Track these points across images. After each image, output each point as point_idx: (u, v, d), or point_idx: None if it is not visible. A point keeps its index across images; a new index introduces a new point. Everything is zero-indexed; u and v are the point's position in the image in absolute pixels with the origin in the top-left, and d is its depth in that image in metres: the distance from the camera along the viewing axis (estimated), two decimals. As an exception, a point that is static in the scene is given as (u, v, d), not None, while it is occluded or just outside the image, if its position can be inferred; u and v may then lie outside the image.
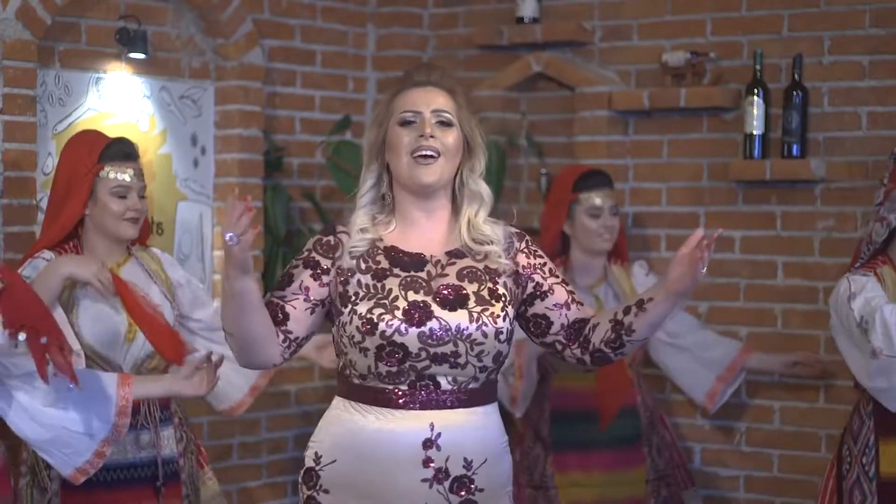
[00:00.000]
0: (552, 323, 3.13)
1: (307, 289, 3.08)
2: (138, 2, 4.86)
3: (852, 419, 3.90)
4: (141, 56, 4.81)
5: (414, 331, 2.98)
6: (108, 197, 3.92)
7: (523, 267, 3.13)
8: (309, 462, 3.11)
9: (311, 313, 3.09)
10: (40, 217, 4.52)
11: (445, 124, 3.08)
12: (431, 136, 3.05)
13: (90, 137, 4.05)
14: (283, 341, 3.08)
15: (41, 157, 4.54)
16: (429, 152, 3.05)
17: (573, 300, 3.15)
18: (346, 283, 3.07)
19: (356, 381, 3.06)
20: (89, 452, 3.67)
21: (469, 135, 3.11)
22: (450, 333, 2.99)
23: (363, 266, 3.08)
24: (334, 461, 3.06)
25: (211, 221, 5.16)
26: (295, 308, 3.08)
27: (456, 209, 3.15)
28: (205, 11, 5.05)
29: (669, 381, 5.17)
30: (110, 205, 3.92)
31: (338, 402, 3.11)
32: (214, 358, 3.84)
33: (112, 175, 3.93)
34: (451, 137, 3.08)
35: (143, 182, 4.00)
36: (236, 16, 5.10)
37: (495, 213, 3.22)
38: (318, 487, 3.07)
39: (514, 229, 3.18)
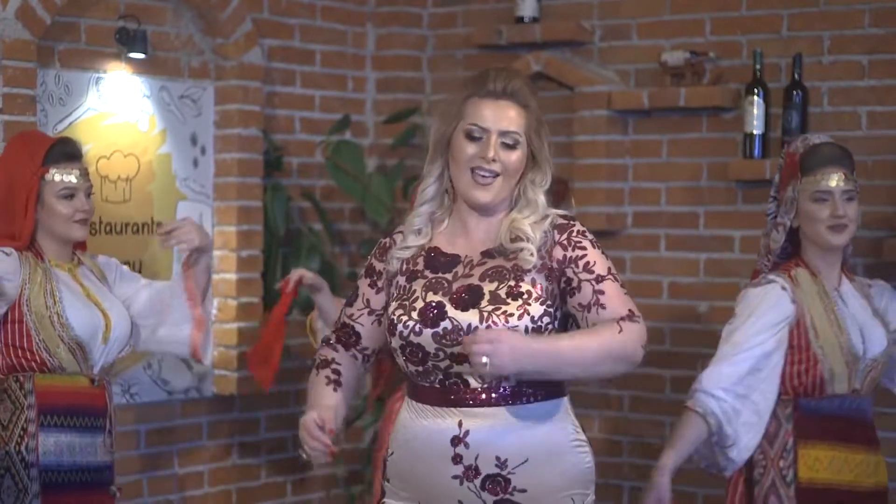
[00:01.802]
0: (578, 326, 3.07)
1: (368, 301, 3.19)
2: (138, 1, 4.86)
3: (768, 422, 3.84)
4: (140, 56, 4.81)
5: (428, 331, 3.00)
6: (54, 200, 3.87)
7: (558, 261, 3.05)
8: (386, 453, 3.20)
9: (379, 324, 3.19)
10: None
11: (510, 146, 3.05)
12: (493, 160, 3.03)
13: (31, 139, 3.99)
14: (362, 360, 3.24)
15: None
16: (486, 174, 3.04)
17: (596, 301, 3.04)
18: (390, 284, 3.14)
19: (408, 378, 3.13)
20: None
21: (536, 149, 3.08)
22: (462, 333, 2.98)
23: (404, 268, 3.12)
24: (393, 453, 3.14)
25: (211, 221, 5.15)
26: (363, 325, 3.20)
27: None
28: (204, 11, 5.05)
29: (669, 381, 5.18)
30: (58, 207, 3.87)
31: (405, 397, 3.18)
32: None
33: (58, 177, 3.87)
34: (514, 157, 3.06)
35: (89, 182, 3.95)
36: (236, 15, 5.10)
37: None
38: (385, 476, 3.17)
39: (561, 220, 3.10)
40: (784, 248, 3.88)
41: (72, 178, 3.89)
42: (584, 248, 3.06)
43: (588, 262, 3.05)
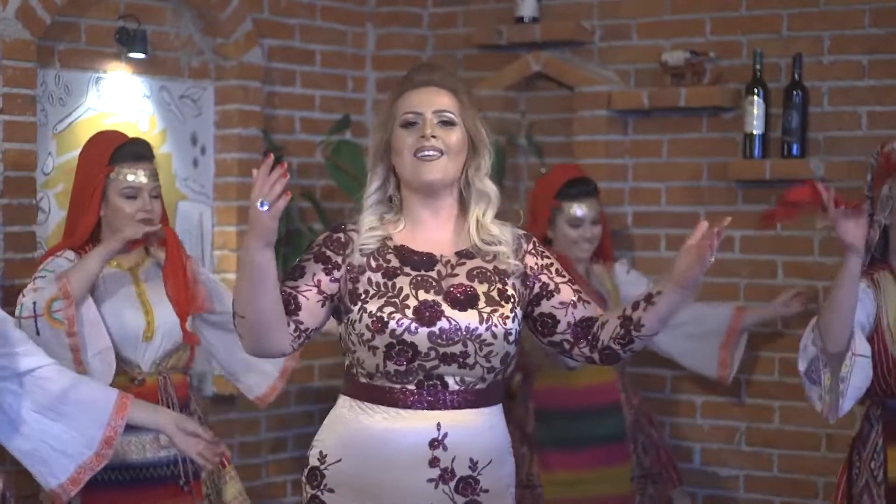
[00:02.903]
0: (559, 321, 3.12)
1: (319, 281, 3.06)
2: (137, 1, 4.86)
3: (862, 424, 3.90)
4: (140, 56, 4.81)
5: (424, 330, 2.98)
6: (118, 199, 3.91)
7: (531, 268, 3.12)
8: (313, 461, 3.09)
9: (322, 306, 3.07)
10: (41, 217, 4.52)
11: (448, 123, 3.08)
12: (433, 137, 3.05)
13: (103, 138, 4.04)
14: (294, 331, 3.04)
15: (41, 157, 4.53)
16: (430, 152, 3.05)
17: (580, 299, 3.14)
18: (356, 280, 3.06)
19: (363, 379, 3.05)
20: (65, 475, 3.54)
21: (473, 133, 3.10)
22: (459, 333, 2.99)
23: (373, 264, 3.07)
24: (339, 460, 3.04)
25: (211, 221, 5.15)
26: (308, 299, 3.04)
27: (463, 209, 3.14)
28: (204, 11, 5.05)
29: (669, 381, 5.18)
30: (121, 206, 3.90)
31: (343, 400, 3.10)
32: (227, 454, 3.82)
33: (122, 176, 3.91)
34: (453, 137, 3.07)
35: (156, 182, 3.98)
36: (235, 15, 5.10)
37: (501, 214, 3.21)
38: (322, 486, 3.06)
39: (521, 231, 3.18)
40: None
41: (135, 177, 3.92)
42: (549, 258, 3.18)
43: (558, 269, 3.17)
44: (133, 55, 4.81)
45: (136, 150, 3.96)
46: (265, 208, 2.86)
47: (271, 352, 3.05)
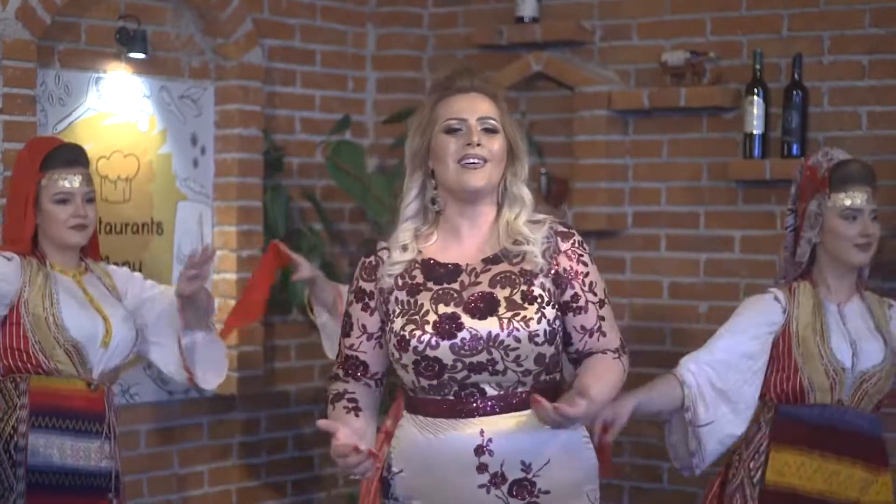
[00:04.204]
0: (572, 343, 3.11)
1: (364, 326, 3.13)
2: (138, 1, 4.86)
3: (749, 426, 3.87)
4: (140, 56, 4.81)
5: (445, 343, 2.97)
6: (50, 205, 3.87)
7: (565, 269, 3.07)
8: (384, 472, 3.15)
9: (381, 346, 3.14)
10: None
11: (491, 131, 3.06)
12: (478, 145, 3.03)
13: (35, 144, 4.01)
14: (375, 385, 3.18)
15: (41, 157, 4.53)
16: (475, 161, 3.03)
17: (598, 328, 3.10)
18: (386, 301, 3.09)
19: (410, 394, 3.10)
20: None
21: (512, 140, 3.10)
22: (481, 342, 2.97)
23: (400, 283, 3.08)
24: (401, 471, 3.10)
25: (211, 221, 5.15)
26: (366, 352, 3.14)
27: (499, 214, 3.12)
28: (204, 11, 5.05)
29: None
30: (53, 213, 3.87)
31: (405, 415, 3.14)
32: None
33: (52, 182, 3.87)
34: (496, 144, 3.06)
35: (89, 188, 3.93)
36: (236, 15, 5.10)
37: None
38: (390, 496, 3.12)
39: (561, 228, 3.12)
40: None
41: (66, 183, 3.88)
42: (586, 265, 3.10)
43: (592, 283, 3.10)
44: (133, 55, 4.81)
45: (67, 156, 3.92)
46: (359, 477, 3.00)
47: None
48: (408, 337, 3.00)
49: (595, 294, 3.10)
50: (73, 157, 3.94)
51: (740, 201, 5.09)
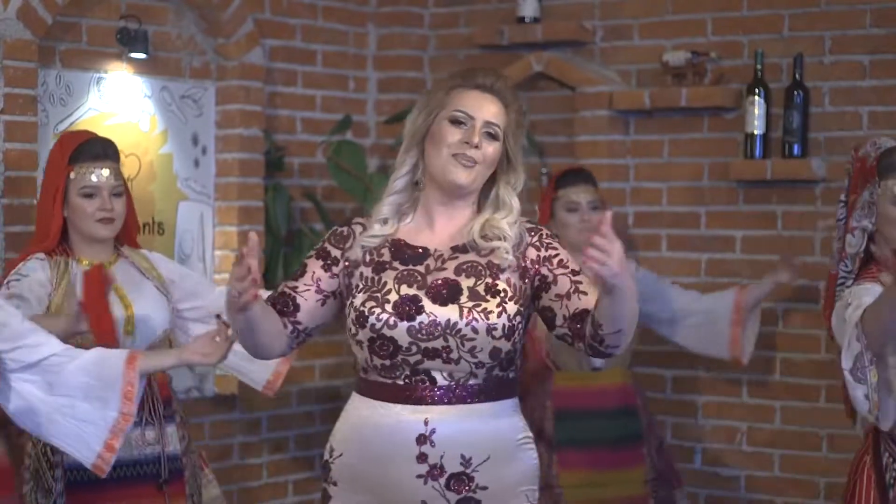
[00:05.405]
0: (556, 315, 3.05)
1: (318, 280, 3.11)
2: (139, 1, 4.87)
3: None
4: (142, 56, 4.81)
5: (403, 324, 2.98)
6: (77, 198, 3.87)
7: (531, 261, 3.08)
8: (325, 455, 3.16)
9: (322, 304, 3.11)
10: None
11: (492, 136, 3.08)
12: (476, 147, 3.05)
13: (66, 138, 4.01)
14: (292, 332, 3.11)
15: (42, 157, 4.51)
16: (468, 162, 3.05)
17: (576, 290, 3.04)
18: (350, 274, 3.09)
19: (362, 374, 3.09)
20: (99, 444, 3.53)
21: (511, 151, 3.11)
22: (439, 328, 2.98)
23: (367, 259, 3.09)
24: (342, 454, 3.09)
25: (212, 221, 5.16)
26: (306, 300, 3.10)
27: (477, 215, 3.13)
28: (205, 11, 5.05)
29: (670, 381, 5.18)
30: (81, 206, 3.87)
31: (353, 396, 3.14)
32: (230, 333, 3.76)
33: (80, 176, 3.88)
34: (491, 149, 3.08)
35: (117, 181, 3.93)
36: (237, 15, 5.10)
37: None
38: (328, 480, 3.13)
39: (529, 224, 3.14)
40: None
41: (93, 176, 3.88)
42: (555, 249, 3.10)
43: (562, 260, 3.08)
44: (134, 55, 4.81)
45: (95, 150, 3.92)
46: (234, 297, 2.91)
47: (270, 357, 3.17)
48: (367, 313, 3.00)
49: (566, 267, 3.07)
50: (102, 150, 3.94)
51: (741, 201, 5.09)
